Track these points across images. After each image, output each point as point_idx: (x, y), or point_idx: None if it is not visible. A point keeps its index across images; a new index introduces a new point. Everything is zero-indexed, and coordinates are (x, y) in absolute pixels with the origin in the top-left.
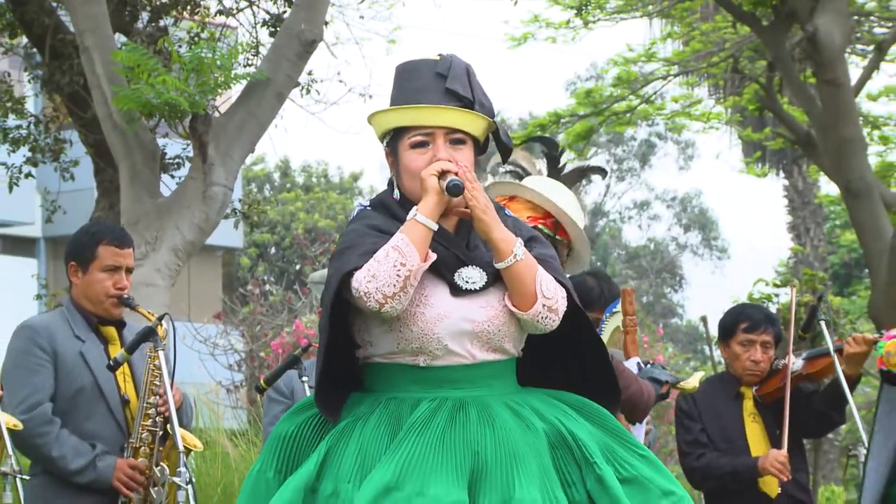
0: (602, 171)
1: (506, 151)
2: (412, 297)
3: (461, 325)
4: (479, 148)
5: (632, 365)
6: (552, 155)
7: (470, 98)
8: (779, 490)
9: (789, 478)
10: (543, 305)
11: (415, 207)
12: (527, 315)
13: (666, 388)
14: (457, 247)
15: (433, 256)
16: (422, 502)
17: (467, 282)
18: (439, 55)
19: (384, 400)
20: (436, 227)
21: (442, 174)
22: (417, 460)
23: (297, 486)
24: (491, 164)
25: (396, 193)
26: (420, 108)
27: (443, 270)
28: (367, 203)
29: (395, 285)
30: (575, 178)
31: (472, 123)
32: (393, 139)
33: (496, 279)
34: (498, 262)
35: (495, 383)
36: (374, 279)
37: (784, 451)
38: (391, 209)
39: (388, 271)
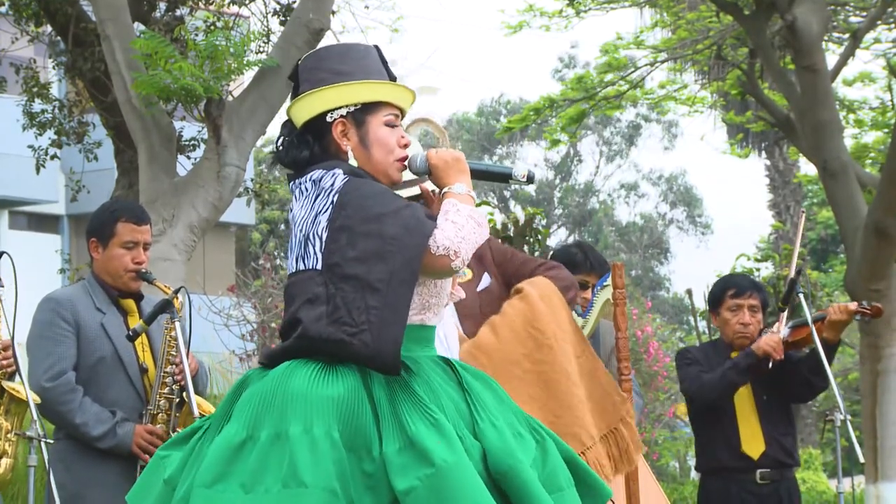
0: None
1: None
2: None
3: (451, 282)
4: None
5: None
6: None
7: None
8: (763, 448)
9: (782, 356)
10: None
11: (459, 185)
12: None
13: None
14: None
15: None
16: (526, 444)
17: None
18: (374, 46)
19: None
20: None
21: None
22: (502, 408)
23: (453, 434)
24: None
25: (354, 162)
26: (401, 88)
27: None
28: (341, 171)
29: (473, 250)
30: None
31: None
32: (361, 111)
33: None
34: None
35: None
36: (464, 240)
37: (779, 335)
38: (366, 178)
39: (471, 234)
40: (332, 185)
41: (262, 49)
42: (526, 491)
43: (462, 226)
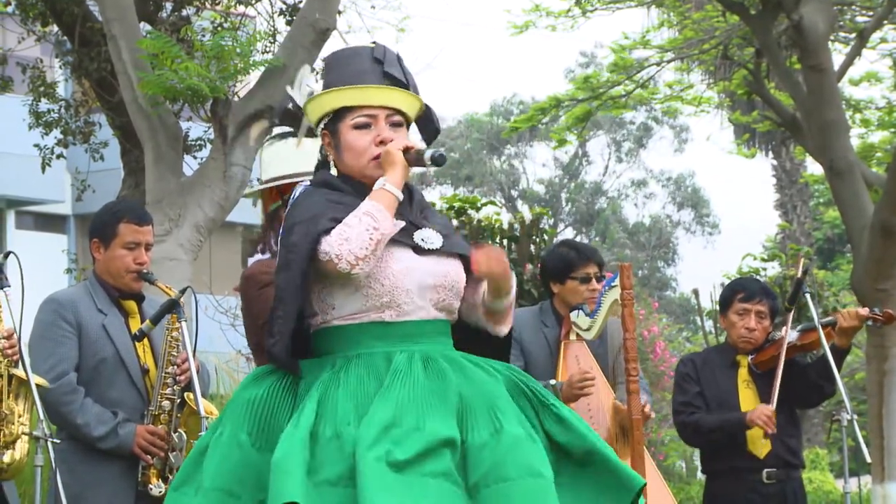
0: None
1: (434, 133)
2: (381, 256)
3: (426, 278)
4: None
5: None
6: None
7: (405, 82)
8: (769, 448)
9: (774, 430)
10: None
11: (381, 178)
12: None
13: None
14: (411, 216)
15: (401, 223)
16: (420, 436)
17: (425, 241)
18: (373, 43)
19: (353, 356)
20: (402, 197)
21: (405, 150)
22: (410, 401)
23: (304, 431)
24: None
25: (334, 171)
26: (363, 89)
27: (401, 235)
28: (309, 181)
29: (366, 248)
30: None
31: (410, 104)
32: (333, 120)
33: (449, 243)
34: (498, 300)
35: (445, 340)
36: (347, 241)
37: (772, 406)
38: (335, 186)
39: (360, 234)
40: (294, 198)
41: (268, 49)
42: (358, 470)
43: (351, 226)
